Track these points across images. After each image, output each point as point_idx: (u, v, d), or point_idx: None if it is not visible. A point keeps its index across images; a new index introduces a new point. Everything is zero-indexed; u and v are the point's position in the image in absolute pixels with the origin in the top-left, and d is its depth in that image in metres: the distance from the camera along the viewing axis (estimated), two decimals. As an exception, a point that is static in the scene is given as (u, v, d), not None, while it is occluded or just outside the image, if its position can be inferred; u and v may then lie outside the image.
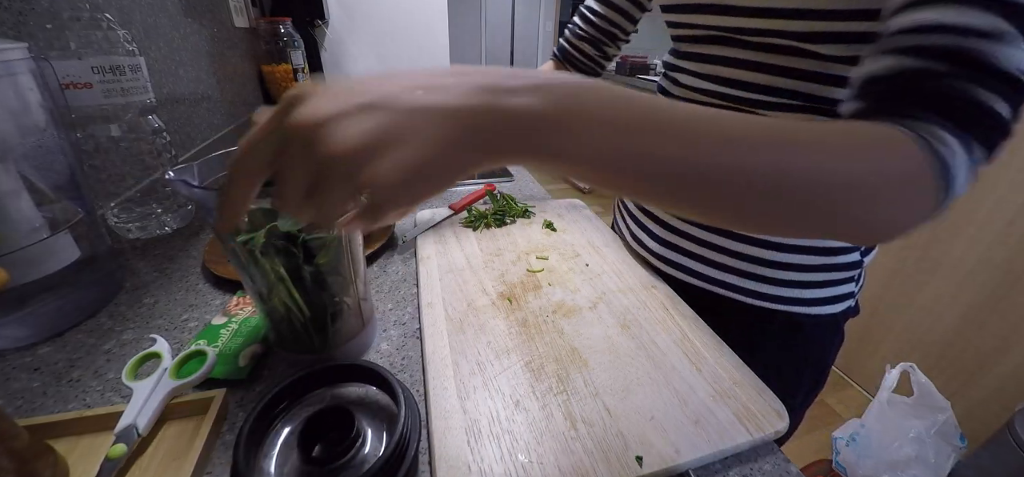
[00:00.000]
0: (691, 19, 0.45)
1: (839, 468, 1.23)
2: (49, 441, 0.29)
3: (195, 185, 0.28)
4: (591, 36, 0.65)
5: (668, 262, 0.52)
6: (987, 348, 1.21)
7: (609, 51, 0.67)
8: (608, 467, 0.28)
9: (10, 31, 0.52)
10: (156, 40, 0.85)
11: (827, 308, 0.48)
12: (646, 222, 0.55)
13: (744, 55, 0.41)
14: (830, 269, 0.46)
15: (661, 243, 0.52)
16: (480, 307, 0.44)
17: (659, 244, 0.53)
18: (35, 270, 0.38)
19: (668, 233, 0.52)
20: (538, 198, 0.74)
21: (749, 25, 0.39)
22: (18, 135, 0.38)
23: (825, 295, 0.47)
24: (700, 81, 0.46)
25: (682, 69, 0.49)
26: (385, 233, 0.57)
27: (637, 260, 0.54)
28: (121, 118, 0.52)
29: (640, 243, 0.55)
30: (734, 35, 0.41)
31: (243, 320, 0.40)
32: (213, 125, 1.09)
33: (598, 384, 0.35)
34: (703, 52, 0.46)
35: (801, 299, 0.47)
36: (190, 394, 0.33)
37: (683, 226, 0.50)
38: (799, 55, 0.38)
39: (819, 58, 0.37)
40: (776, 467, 0.31)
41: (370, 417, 0.31)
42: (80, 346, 0.39)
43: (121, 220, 0.57)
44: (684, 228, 0.50)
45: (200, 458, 0.28)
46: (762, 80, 0.40)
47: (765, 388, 0.35)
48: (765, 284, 0.47)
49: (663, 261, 0.53)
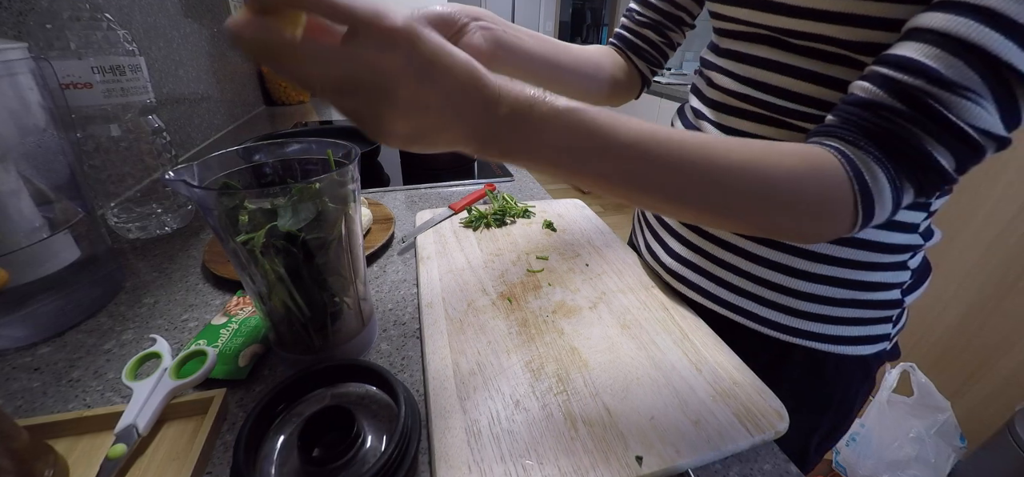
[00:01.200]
0: (736, 12, 0.40)
1: (839, 468, 1.23)
2: (49, 441, 0.29)
3: (195, 185, 0.28)
4: (654, 21, 0.57)
5: (682, 280, 0.48)
6: (987, 348, 1.21)
7: (674, 38, 0.59)
8: (608, 467, 0.28)
9: (10, 31, 0.52)
10: (156, 40, 0.85)
11: (855, 348, 0.43)
12: (663, 235, 0.51)
13: (789, 60, 0.37)
14: (861, 305, 0.41)
15: (677, 259, 0.48)
16: (480, 307, 0.44)
17: (674, 260, 0.49)
18: (35, 270, 0.38)
19: (685, 248, 0.47)
20: (538, 198, 0.74)
21: (799, 27, 0.35)
22: (18, 135, 0.38)
23: (853, 334, 0.42)
24: (737, 83, 0.41)
25: (719, 68, 0.44)
26: (385, 233, 0.57)
27: (651, 276, 0.51)
28: (121, 118, 0.52)
29: (655, 257, 0.52)
30: (781, 36, 0.37)
31: (243, 320, 0.40)
32: (213, 125, 1.09)
33: (598, 384, 0.35)
34: (744, 51, 0.41)
35: (825, 335, 0.42)
36: (190, 394, 0.33)
37: (700, 242, 0.46)
38: (850, 66, 0.33)
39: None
40: (776, 467, 0.31)
41: (370, 417, 0.31)
42: (80, 346, 0.39)
43: (121, 220, 0.57)
44: (701, 244, 0.46)
45: (200, 458, 0.28)
46: (806, 90, 0.36)
47: (765, 388, 0.35)
48: (785, 315, 0.42)
49: (677, 278, 0.49)
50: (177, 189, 0.27)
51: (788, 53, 0.37)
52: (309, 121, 1.30)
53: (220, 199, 0.28)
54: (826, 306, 0.41)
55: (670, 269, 0.49)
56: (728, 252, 0.44)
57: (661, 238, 0.51)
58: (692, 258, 0.47)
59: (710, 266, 0.45)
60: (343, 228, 0.32)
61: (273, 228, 0.29)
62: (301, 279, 0.32)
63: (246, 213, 0.28)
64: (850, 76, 0.32)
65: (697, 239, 0.46)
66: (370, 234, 0.57)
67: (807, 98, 0.36)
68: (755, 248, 0.42)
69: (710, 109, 0.45)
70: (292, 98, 1.54)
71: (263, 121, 1.33)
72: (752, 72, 0.40)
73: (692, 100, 0.49)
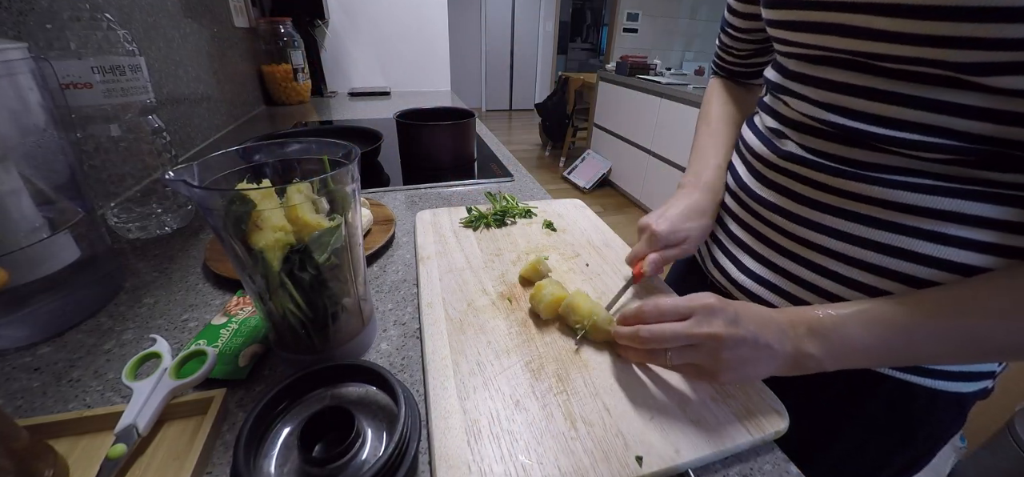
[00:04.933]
0: (805, 39, 0.36)
1: (839, 468, 1.23)
2: (49, 441, 0.29)
3: (195, 185, 0.28)
4: (755, 46, 0.53)
5: (758, 300, 0.43)
6: (987, 348, 1.21)
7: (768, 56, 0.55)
8: (608, 467, 0.28)
9: (10, 31, 0.52)
10: (156, 40, 0.85)
11: (955, 385, 0.38)
12: (735, 252, 0.46)
13: (880, 85, 0.32)
14: None
15: (751, 277, 0.44)
16: (480, 307, 0.44)
17: (748, 278, 0.44)
18: (35, 270, 0.38)
19: (761, 266, 0.43)
20: (538, 198, 0.74)
21: (890, 51, 0.31)
22: (18, 135, 0.38)
23: (958, 368, 0.38)
24: (818, 110, 0.36)
25: (792, 92, 0.39)
26: (385, 233, 0.57)
27: (714, 291, 0.40)
28: (121, 118, 0.52)
29: (724, 273, 0.47)
30: (867, 59, 0.33)
31: (243, 320, 0.40)
32: (213, 125, 1.09)
33: (598, 384, 0.35)
34: (822, 76, 0.36)
35: (926, 368, 0.38)
36: (190, 394, 0.33)
37: (779, 260, 0.41)
38: (960, 88, 0.29)
39: (992, 92, 0.28)
40: (776, 467, 0.31)
41: (370, 417, 0.31)
42: (80, 346, 0.39)
43: (121, 220, 0.57)
44: (780, 262, 0.41)
45: (200, 458, 0.28)
46: (906, 115, 0.31)
47: (765, 388, 0.35)
48: None
49: (747, 294, 0.44)
50: (177, 189, 0.27)
51: (878, 77, 0.33)
52: (309, 121, 1.30)
53: (230, 207, 0.28)
54: None
55: (743, 287, 0.44)
56: (811, 271, 0.39)
57: (733, 254, 0.46)
58: (769, 277, 0.42)
59: (790, 287, 0.40)
60: (343, 229, 0.32)
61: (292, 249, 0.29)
62: (301, 280, 0.32)
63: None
64: (961, 98, 0.29)
65: (776, 257, 0.41)
66: (370, 234, 0.57)
67: (908, 123, 0.31)
68: (845, 269, 0.36)
69: (792, 130, 0.40)
70: (292, 98, 1.54)
71: (263, 121, 1.33)
72: (834, 98, 0.35)
73: (766, 119, 0.43)
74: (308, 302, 0.33)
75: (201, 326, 0.41)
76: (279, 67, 1.48)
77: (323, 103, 1.64)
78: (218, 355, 0.35)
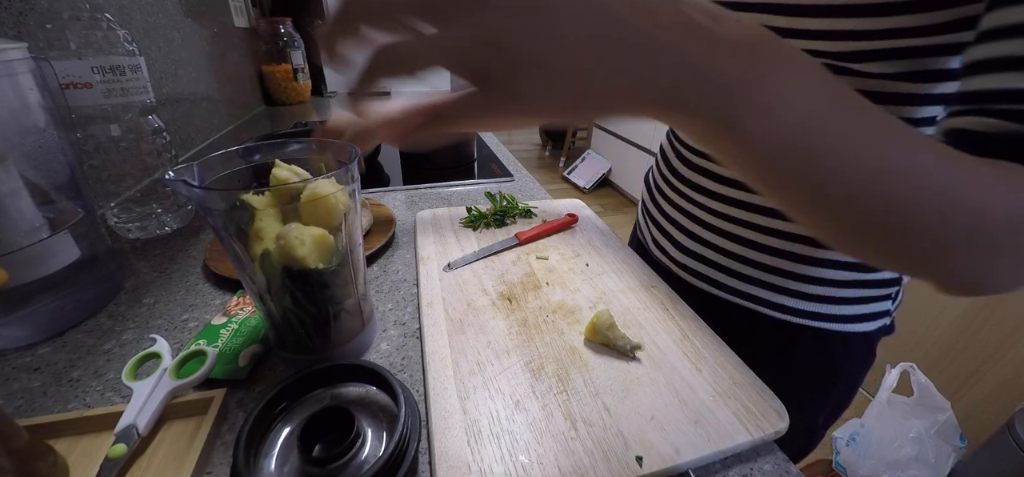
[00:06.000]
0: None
1: (839, 468, 1.23)
2: (49, 441, 0.29)
3: (195, 185, 0.28)
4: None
5: (693, 273, 0.50)
6: (987, 348, 1.21)
7: None
8: (608, 467, 0.28)
9: (10, 31, 0.52)
10: (156, 40, 0.85)
11: (860, 326, 0.46)
12: (672, 231, 0.53)
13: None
14: (864, 285, 0.44)
15: (686, 253, 0.51)
16: (480, 307, 0.44)
17: (683, 253, 0.51)
18: (35, 270, 0.38)
19: (694, 242, 0.50)
20: (538, 198, 0.74)
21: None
22: (18, 135, 0.38)
23: (858, 312, 0.45)
24: None
25: None
26: (385, 233, 0.57)
27: (659, 270, 0.52)
28: (121, 118, 0.52)
29: (664, 252, 0.53)
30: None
31: (243, 320, 0.40)
32: (213, 125, 1.09)
33: (598, 384, 0.35)
34: None
35: (832, 315, 0.45)
36: (190, 394, 0.33)
37: (710, 236, 0.48)
38: (839, 74, 0.33)
39: (863, 76, 0.34)
40: (776, 467, 0.31)
41: (370, 417, 0.31)
42: (80, 346, 0.39)
43: (121, 220, 0.57)
44: (711, 238, 0.48)
45: (200, 458, 0.28)
46: None
47: (765, 388, 0.35)
48: (795, 298, 0.45)
49: (687, 271, 0.51)
50: (177, 189, 0.27)
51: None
52: (309, 121, 1.30)
53: (231, 213, 0.28)
54: (833, 288, 0.44)
55: (680, 262, 0.52)
56: (737, 244, 0.46)
57: (670, 234, 0.53)
58: (701, 251, 0.49)
59: (720, 258, 0.48)
60: (344, 230, 0.32)
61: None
62: (302, 280, 0.32)
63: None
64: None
65: (706, 233, 0.48)
66: (370, 234, 0.57)
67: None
68: (764, 239, 0.44)
69: None
70: (292, 98, 1.54)
71: (263, 121, 1.33)
72: None
73: None
74: (309, 303, 0.33)
75: (201, 326, 0.41)
76: (279, 67, 1.48)
77: (323, 103, 1.64)
78: (218, 355, 0.35)
